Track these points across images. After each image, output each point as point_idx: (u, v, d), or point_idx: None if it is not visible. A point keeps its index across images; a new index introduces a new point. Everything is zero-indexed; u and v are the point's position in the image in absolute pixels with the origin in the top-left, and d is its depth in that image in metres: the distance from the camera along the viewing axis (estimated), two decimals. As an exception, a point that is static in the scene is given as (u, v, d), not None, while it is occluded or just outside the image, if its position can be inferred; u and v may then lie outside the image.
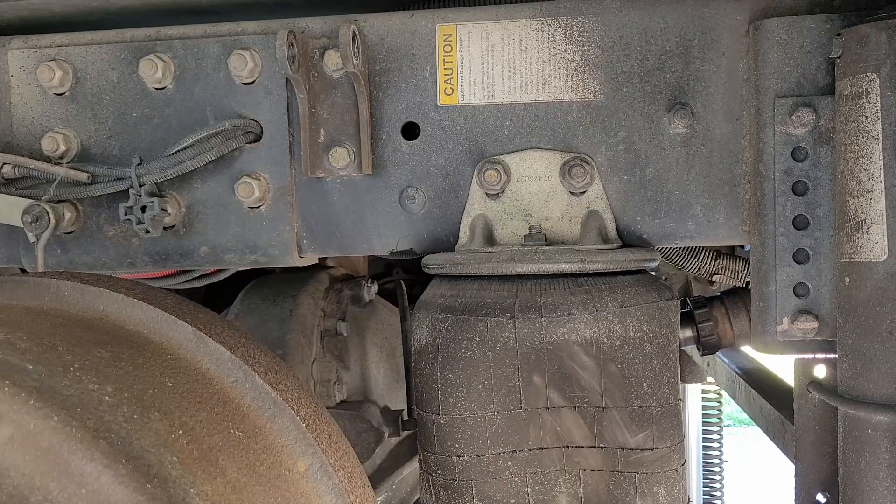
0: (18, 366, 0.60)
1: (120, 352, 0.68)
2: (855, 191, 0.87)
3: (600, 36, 0.99)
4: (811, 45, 0.93)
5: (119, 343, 0.69)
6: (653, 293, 0.94)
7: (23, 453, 0.57)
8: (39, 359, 0.62)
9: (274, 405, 0.72)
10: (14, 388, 0.57)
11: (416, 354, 0.97)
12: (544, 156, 1.02)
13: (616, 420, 0.92)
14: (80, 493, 0.57)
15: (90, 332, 0.70)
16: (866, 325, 0.86)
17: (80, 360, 0.64)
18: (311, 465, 0.72)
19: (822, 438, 1.01)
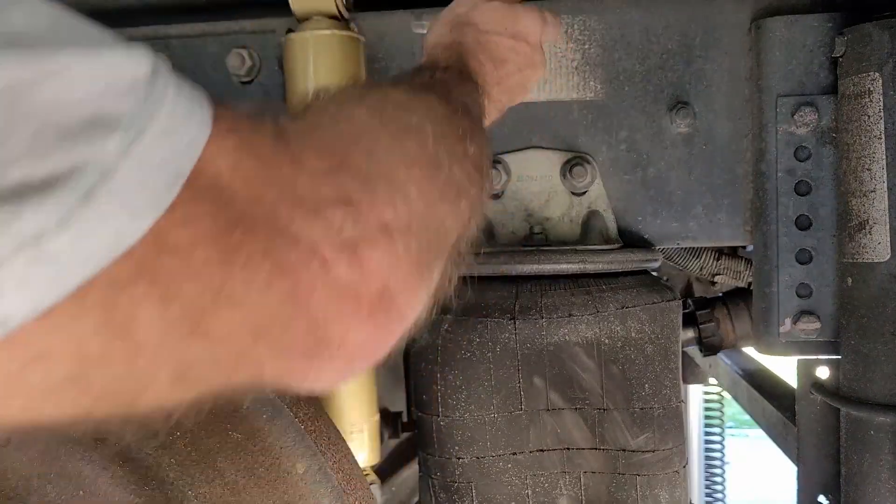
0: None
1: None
2: (857, 191, 0.86)
3: (601, 35, 0.99)
4: (813, 44, 0.93)
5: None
6: (654, 294, 0.93)
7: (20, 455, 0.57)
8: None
9: (272, 407, 0.71)
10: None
11: (415, 355, 0.97)
12: (545, 155, 1.01)
13: (617, 422, 0.91)
14: (77, 494, 0.57)
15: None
16: (869, 326, 0.86)
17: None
18: (309, 467, 0.71)
19: (825, 440, 1.00)
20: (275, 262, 0.35)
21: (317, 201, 0.38)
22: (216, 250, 0.32)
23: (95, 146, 0.28)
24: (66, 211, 0.26)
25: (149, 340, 0.31)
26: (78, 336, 0.28)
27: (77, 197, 0.27)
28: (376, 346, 0.42)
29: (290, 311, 0.36)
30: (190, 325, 0.32)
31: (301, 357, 0.38)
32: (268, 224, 0.35)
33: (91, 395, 0.31)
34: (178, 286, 0.31)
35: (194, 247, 0.31)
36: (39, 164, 0.26)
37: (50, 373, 0.29)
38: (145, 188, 0.29)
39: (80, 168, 0.27)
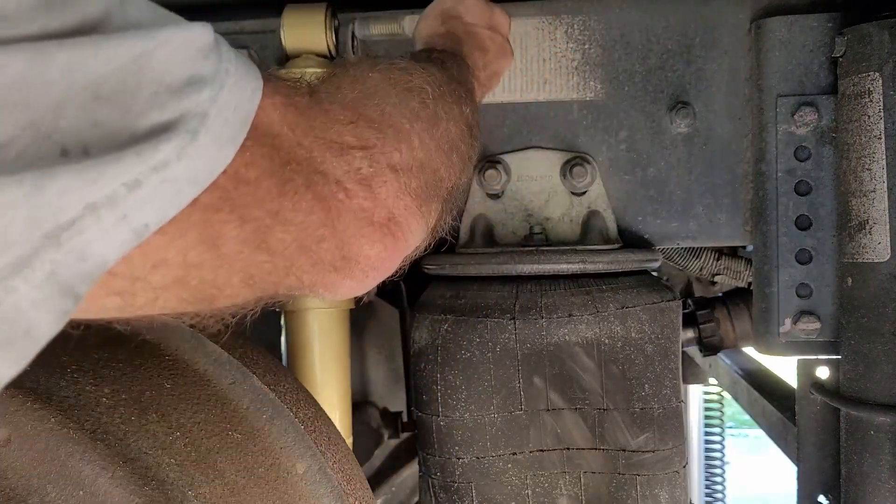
0: (15, 367, 0.59)
1: (117, 353, 0.67)
2: (857, 191, 0.86)
3: (601, 35, 0.99)
4: (813, 44, 0.93)
5: (116, 344, 0.69)
6: (654, 294, 0.93)
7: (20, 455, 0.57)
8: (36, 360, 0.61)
9: (272, 407, 0.71)
10: (11, 390, 0.57)
11: (415, 355, 0.97)
12: (545, 155, 1.01)
13: (617, 422, 0.91)
14: (77, 495, 0.57)
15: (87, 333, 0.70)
16: (869, 326, 0.86)
17: (77, 362, 0.64)
18: (309, 467, 0.71)
19: (825, 440, 1.00)
20: (314, 192, 0.45)
21: (341, 146, 0.48)
22: (274, 183, 0.42)
23: (194, 98, 0.37)
24: (181, 146, 0.35)
25: (230, 252, 0.41)
26: (184, 248, 0.38)
27: (187, 136, 0.36)
28: (386, 262, 0.53)
29: (324, 232, 0.46)
30: (258, 240, 0.42)
31: (331, 270, 0.49)
32: (307, 163, 0.45)
33: (188, 293, 0.40)
34: (250, 211, 0.41)
35: (260, 181, 0.41)
36: (161, 112, 0.35)
37: (166, 276, 0.38)
38: (227, 127, 0.38)
39: (186, 115, 0.36)
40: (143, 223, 0.34)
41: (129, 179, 0.33)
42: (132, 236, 0.34)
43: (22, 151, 0.30)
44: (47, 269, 0.31)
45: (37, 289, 0.31)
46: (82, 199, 0.31)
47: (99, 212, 0.32)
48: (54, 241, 0.31)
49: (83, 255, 0.32)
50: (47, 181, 0.30)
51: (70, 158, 0.31)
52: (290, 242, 0.44)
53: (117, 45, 0.33)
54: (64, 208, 0.31)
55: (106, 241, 0.33)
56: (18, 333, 0.31)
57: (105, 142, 0.32)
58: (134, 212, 0.33)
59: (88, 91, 0.32)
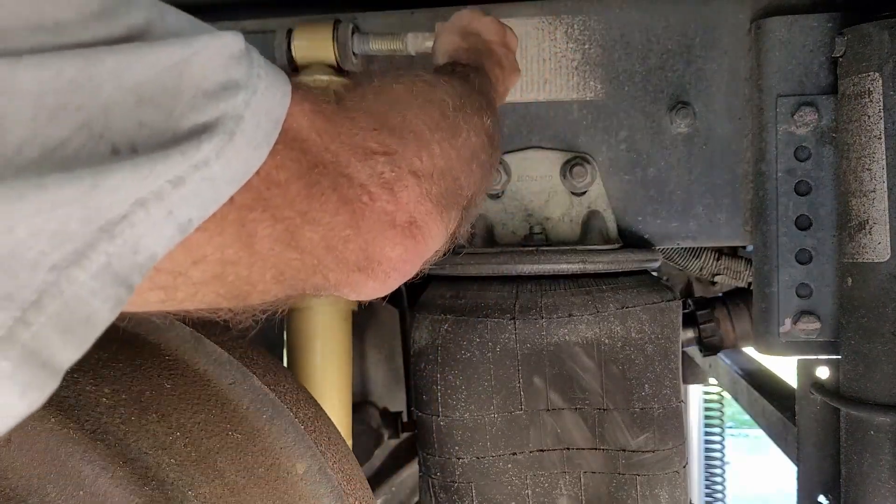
0: (15, 367, 0.59)
1: (117, 353, 0.67)
2: (857, 191, 0.86)
3: (601, 35, 0.99)
4: (813, 44, 0.93)
5: (116, 344, 0.69)
6: (654, 294, 0.93)
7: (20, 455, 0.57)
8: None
9: (272, 407, 0.71)
10: (10, 390, 0.57)
11: (415, 355, 0.97)
12: (545, 155, 1.01)
13: (617, 422, 0.91)
14: (77, 495, 0.57)
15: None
16: (869, 326, 0.86)
17: (77, 362, 0.64)
18: (309, 467, 0.71)
19: (825, 440, 1.00)
20: (340, 195, 0.47)
21: (365, 151, 0.50)
22: (302, 185, 0.45)
23: (230, 102, 0.39)
24: (219, 146, 0.37)
25: (263, 250, 0.43)
26: (222, 245, 0.40)
27: (225, 137, 0.38)
28: (407, 265, 0.55)
29: (349, 232, 0.49)
30: (288, 239, 0.44)
31: (355, 269, 0.51)
32: (334, 167, 0.48)
33: (225, 289, 0.43)
34: (281, 211, 0.43)
35: (290, 182, 0.44)
36: (200, 114, 0.37)
37: (205, 272, 0.41)
38: (260, 129, 0.41)
39: (224, 117, 0.38)
40: (188, 218, 0.37)
41: (173, 176, 0.35)
42: (177, 231, 0.36)
43: (78, 150, 0.32)
44: (103, 261, 0.33)
45: (95, 278, 0.33)
46: (133, 194, 0.34)
47: (148, 207, 0.34)
48: (108, 234, 0.33)
49: (135, 247, 0.34)
50: (101, 178, 0.32)
51: (121, 156, 0.33)
52: (318, 241, 0.47)
53: (159, 51, 0.36)
54: (117, 203, 0.33)
55: (155, 234, 0.35)
56: (80, 320, 0.33)
57: (151, 141, 0.35)
58: (178, 208, 0.36)
59: (134, 93, 0.35)
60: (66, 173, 0.31)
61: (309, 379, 0.95)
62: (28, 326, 0.31)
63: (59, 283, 0.31)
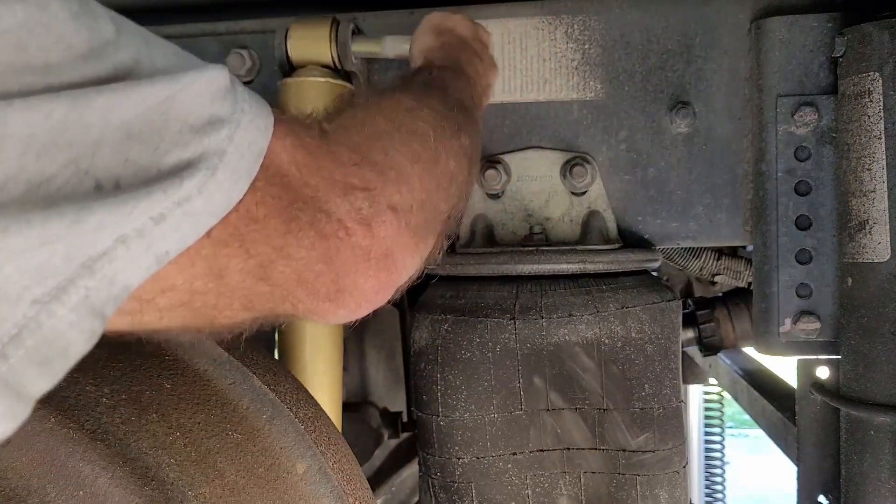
0: (15, 367, 0.59)
1: (117, 353, 0.67)
2: (857, 191, 0.86)
3: (601, 34, 0.99)
4: (813, 44, 0.93)
5: (116, 344, 0.69)
6: (654, 294, 0.93)
7: (20, 455, 0.57)
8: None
9: (272, 407, 0.71)
10: (10, 390, 0.57)
11: (415, 355, 0.97)
12: (545, 155, 1.01)
13: (617, 422, 0.91)
14: (77, 495, 0.57)
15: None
16: (869, 326, 0.86)
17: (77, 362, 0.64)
18: (309, 467, 0.71)
19: (825, 440, 1.00)
20: (317, 230, 0.48)
21: (345, 187, 0.51)
22: (281, 221, 0.45)
23: (213, 137, 0.40)
24: (202, 182, 0.38)
25: (233, 282, 0.44)
26: (192, 277, 0.41)
27: (207, 172, 0.38)
28: (378, 295, 0.56)
29: (322, 267, 0.49)
30: (260, 273, 0.45)
31: (325, 300, 0.52)
32: (312, 203, 0.48)
33: (191, 315, 0.43)
34: (256, 246, 0.44)
35: (268, 219, 0.44)
36: (184, 151, 0.38)
37: (172, 299, 0.41)
38: (243, 161, 0.41)
39: (207, 153, 0.39)
40: (164, 251, 0.37)
41: (155, 214, 0.36)
42: (154, 262, 0.37)
43: (62, 186, 0.33)
44: (82, 295, 0.34)
45: (73, 312, 0.33)
46: (115, 232, 0.34)
47: (129, 244, 0.35)
48: (89, 269, 0.34)
49: (113, 281, 0.35)
50: (84, 215, 0.33)
51: (103, 193, 0.34)
52: (290, 275, 0.47)
53: (147, 90, 0.37)
54: (99, 240, 0.34)
55: (132, 268, 0.36)
56: (57, 352, 0.34)
57: (135, 178, 0.35)
58: (158, 241, 0.37)
59: (122, 131, 0.35)
60: (51, 210, 0.32)
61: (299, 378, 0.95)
62: (6, 360, 0.32)
63: (38, 317, 0.32)
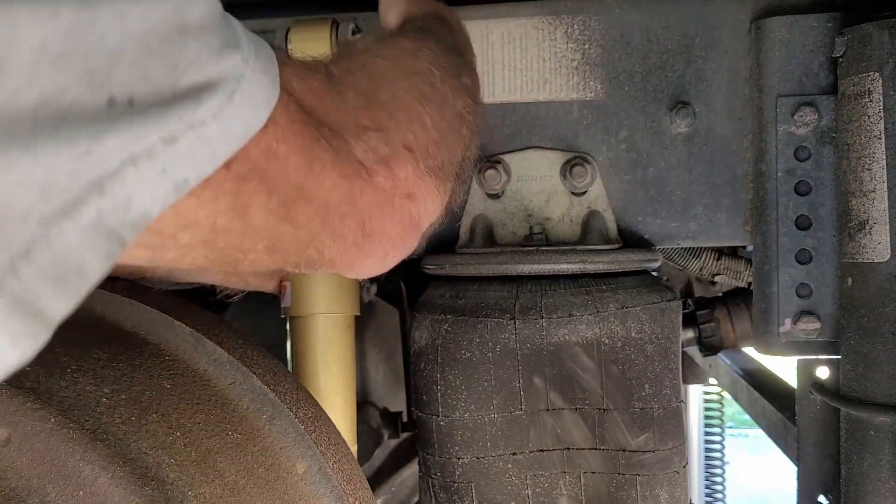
0: (15, 367, 0.59)
1: (117, 353, 0.67)
2: (857, 191, 0.86)
3: (601, 34, 0.99)
4: (813, 44, 0.93)
5: (116, 344, 0.69)
6: (654, 294, 0.93)
7: (20, 455, 0.57)
8: (37, 360, 0.61)
9: (272, 407, 0.71)
10: (11, 390, 0.57)
11: (415, 355, 0.97)
12: (545, 155, 1.01)
13: (617, 422, 0.91)
14: (77, 495, 0.57)
15: (87, 333, 0.70)
16: (869, 326, 0.86)
17: (77, 362, 0.64)
18: (309, 467, 0.71)
19: (825, 440, 1.00)
20: (338, 171, 0.47)
21: (358, 128, 0.50)
22: (302, 159, 0.44)
23: (230, 60, 0.38)
24: (219, 106, 0.36)
25: (256, 221, 0.43)
26: (215, 213, 0.40)
27: (225, 96, 0.37)
28: (406, 241, 0.55)
29: (346, 209, 0.48)
30: (283, 213, 0.44)
31: (353, 246, 0.51)
32: (333, 141, 0.47)
33: (214, 254, 0.43)
34: (278, 185, 0.43)
35: (288, 156, 0.43)
36: (202, 72, 0.36)
37: (194, 236, 0.40)
38: (261, 88, 0.40)
39: (225, 76, 0.37)
40: (183, 178, 0.36)
41: (166, 135, 0.34)
42: (173, 190, 0.35)
43: (74, 100, 0.31)
44: (93, 215, 0.32)
45: (85, 232, 0.32)
46: (124, 151, 0.33)
47: (139, 164, 0.33)
48: (98, 189, 0.32)
49: (127, 204, 0.34)
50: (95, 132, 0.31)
51: (115, 110, 0.32)
52: (314, 216, 0.46)
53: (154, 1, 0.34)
54: (107, 159, 0.32)
55: (148, 192, 0.34)
56: (71, 272, 0.32)
57: (151, 97, 0.34)
58: (173, 167, 0.35)
59: (142, 44, 0.33)
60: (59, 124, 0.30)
61: (312, 385, 0.95)
62: (17, 276, 0.30)
63: (48, 235, 0.31)
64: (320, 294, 0.93)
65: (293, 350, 0.98)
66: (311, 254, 0.49)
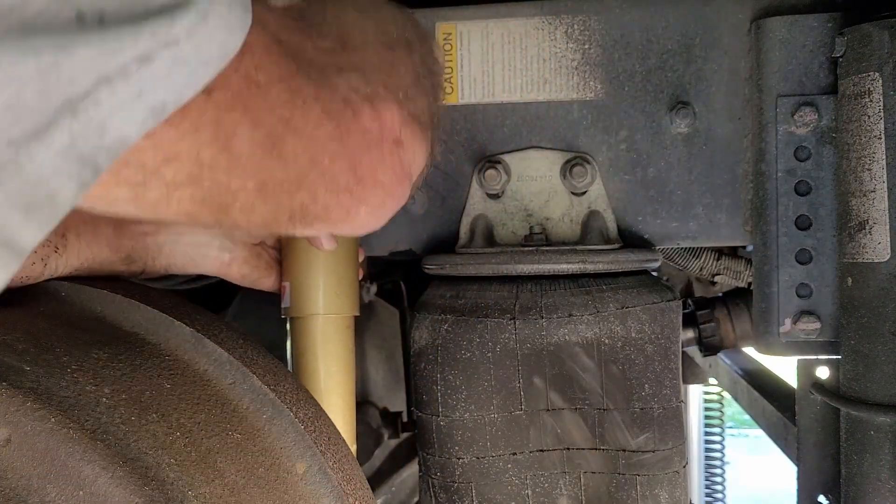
0: (16, 367, 0.60)
1: (117, 353, 0.67)
2: (857, 191, 0.86)
3: (601, 34, 0.99)
4: (813, 44, 0.93)
5: (116, 344, 0.69)
6: (654, 294, 0.93)
7: (20, 455, 0.57)
8: (37, 360, 0.61)
9: (272, 407, 0.71)
10: (12, 390, 0.57)
11: (415, 355, 0.97)
12: (545, 155, 1.01)
13: (617, 422, 0.91)
14: (77, 494, 0.57)
15: (87, 333, 0.70)
16: (869, 326, 0.86)
17: (77, 362, 0.64)
18: (309, 467, 0.71)
19: (825, 440, 1.00)
20: (323, 107, 0.46)
21: (337, 66, 0.49)
22: (285, 90, 0.43)
23: None
24: (192, 25, 0.35)
25: (242, 154, 0.41)
26: (197, 144, 0.39)
27: (198, 15, 0.35)
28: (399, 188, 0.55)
29: (334, 147, 0.47)
30: (270, 145, 0.43)
31: (346, 191, 0.50)
32: (314, 77, 0.46)
33: (202, 193, 0.41)
34: (262, 115, 0.42)
35: (269, 86, 0.42)
36: None
37: (178, 171, 0.39)
38: (233, 11, 0.38)
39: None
40: (160, 101, 0.34)
41: (139, 53, 0.33)
42: (150, 114, 0.34)
43: (39, 13, 0.29)
44: (66, 139, 0.31)
45: (58, 156, 0.31)
46: (96, 70, 0.31)
47: (113, 85, 0.32)
48: (71, 111, 0.31)
49: (102, 128, 0.32)
50: (63, 48, 0.30)
51: (85, 26, 0.30)
52: (302, 152, 0.45)
53: None
54: (77, 78, 0.31)
55: (124, 116, 0.33)
56: (42, 198, 0.31)
57: (123, 12, 0.32)
58: (149, 89, 0.33)
59: None
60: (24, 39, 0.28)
61: (313, 385, 0.95)
62: None
63: (17, 159, 0.29)
64: (320, 294, 0.93)
65: (293, 350, 0.98)
66: (303, 198, 0.47)
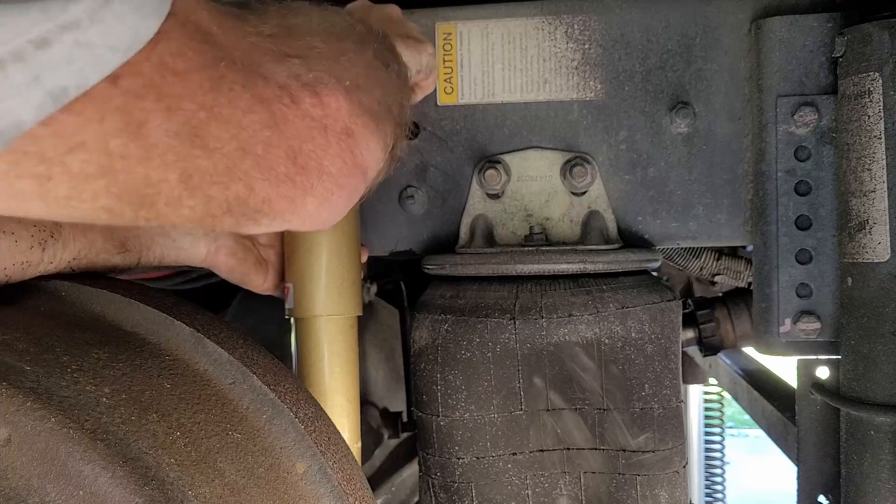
0: (16, 367, 0.60)
1: (117, 353, 0.67)
2: (857, 191, 0.86)
3: (601, 34, 0.99)
4: (813, 44, 0.93)
5: (116, 344, 0.69)
6: (654, 294, 0.93)
7: (20, 455, 0.57)
8: (37, 360, 0.61)
9: (272, 407, 0.71)
10: (11, 390, 0.57)
11: (415, 356, 0.97)
12: (545, 155, 1.01)
13: (617, 422, 0.91)
14: (77, 494, 0.57)
15: (87, 333, 0.70)
16: (869, 326, 0.86)
17: (77, 362, 0.64)
18: (309, 467, 0.71)
19: (825, 440, 1.00)
20: (253, 94, 0.44)
21: (278, 54, 0.47)
22: (206, 77, 0.41)
23: None
24: (93, 7, 0.33)
25: (158, 143, 0.39)
26: (105, 133, 0.36)
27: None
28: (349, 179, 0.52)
29: (269, 135, 0.45)
30: (190, 134, 0.40)
31: (286, 179, 0.47)
32: (244, 64, 0.44)
33: (117, 187, 0.39)
34: (179, 102, 0.39)
35: (189, 73, 0.39)
36: None
37: (87, 163, 0.36)
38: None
39: None
40: (61, 86, 0.33)
41: (35, 36, 0.31)
42: (49, 99, 0.32)
43: None
44: None
45: None
46: None
47: (5, 67, 0.31)
48: None
49: None
50: None
51: None
52: (229, 140, 0.43)
53: None
54: None
55: (18, 99, 0.31)
56: None
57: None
58: (48, 73, 0.32)
59: None
60: None
61: (316, 386, 0.95)
62: None
63: None
64: (322, 296, 0.94)
65: (297, 352, 0.98)
66: (238, 190, 0.45)
